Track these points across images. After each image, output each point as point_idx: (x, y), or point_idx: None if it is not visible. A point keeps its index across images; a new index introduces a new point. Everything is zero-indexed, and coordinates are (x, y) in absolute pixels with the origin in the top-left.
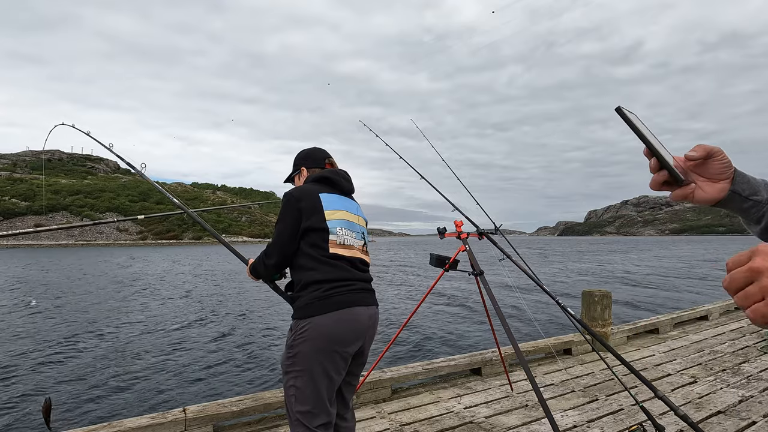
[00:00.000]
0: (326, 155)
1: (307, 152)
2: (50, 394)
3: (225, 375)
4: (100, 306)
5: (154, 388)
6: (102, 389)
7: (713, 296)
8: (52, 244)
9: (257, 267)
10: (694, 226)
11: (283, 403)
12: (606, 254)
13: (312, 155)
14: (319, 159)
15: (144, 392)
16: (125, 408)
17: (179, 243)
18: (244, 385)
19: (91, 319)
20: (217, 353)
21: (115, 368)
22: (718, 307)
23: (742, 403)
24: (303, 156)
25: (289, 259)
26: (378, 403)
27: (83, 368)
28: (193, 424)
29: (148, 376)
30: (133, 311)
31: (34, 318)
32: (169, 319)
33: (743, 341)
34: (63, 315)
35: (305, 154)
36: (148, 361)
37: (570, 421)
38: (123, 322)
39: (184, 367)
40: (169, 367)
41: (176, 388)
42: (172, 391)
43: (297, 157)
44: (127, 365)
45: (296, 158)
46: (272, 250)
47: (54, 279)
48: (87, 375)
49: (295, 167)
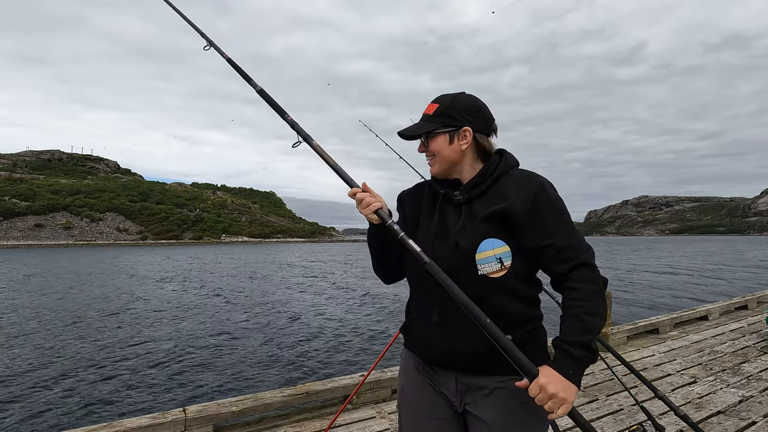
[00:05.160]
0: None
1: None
2: (50, 394)
3: (225, 375)
4: (100, 306)
5: (154, 388)
6: (102, 389)
7: (713, 296)
8: (52, 245)
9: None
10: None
11: (283, 403)
12: (606, 254)
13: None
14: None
15: (144, 392)
16: (125, 408)
17: (179, 243)
18: (244, 385)
19: (92, 319)
20: (217, 353)
21: (115, 368)
22: (718, 307)
23: (742, 403)
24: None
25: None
26: (378, 403)
27: (83, 368)
28: (193, 424)
29: (148, 376)
30: (133, 311)
31: (35, 318)
32: (169, 318)
33: (743, 341)
34: (63, 314)
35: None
36: (149, 361)
37: (570, 421)
38: (123, 322)
39: (184, 367)
40: (169, 367)
41: (176, 388)
42: (172, 391)
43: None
44: (127, 365)
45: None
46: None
47: (56, 279)
48: (87, 375)
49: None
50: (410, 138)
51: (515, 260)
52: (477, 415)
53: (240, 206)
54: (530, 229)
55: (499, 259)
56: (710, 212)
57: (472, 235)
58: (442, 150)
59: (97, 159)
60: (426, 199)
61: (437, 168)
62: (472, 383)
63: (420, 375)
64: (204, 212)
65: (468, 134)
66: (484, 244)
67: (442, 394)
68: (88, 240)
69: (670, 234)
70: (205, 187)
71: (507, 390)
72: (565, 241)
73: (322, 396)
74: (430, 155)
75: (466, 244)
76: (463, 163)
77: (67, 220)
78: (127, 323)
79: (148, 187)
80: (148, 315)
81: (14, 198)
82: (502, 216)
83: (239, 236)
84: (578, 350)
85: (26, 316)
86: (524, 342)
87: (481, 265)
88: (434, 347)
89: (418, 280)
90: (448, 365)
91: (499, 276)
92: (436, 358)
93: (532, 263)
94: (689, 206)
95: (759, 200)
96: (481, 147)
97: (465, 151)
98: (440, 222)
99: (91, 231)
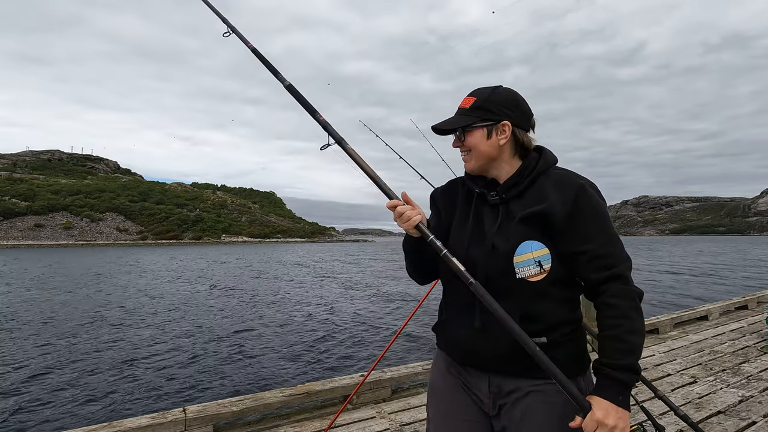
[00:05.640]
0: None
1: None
2: (50, 393)
3: (225, 375)
4: (100, 306)
5: (154, 388)
6: (102, 389)
7: (713, 296)
8: (52, 245)
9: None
10: (694, 226)
11: (283, 403)
12: None
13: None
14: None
15: (144, 392)
16: (125, 408)
17: (179, 243)
18: (244, 385)
19: (92, 319)
20: (217, 353)
21: (115, 368)
22: (718, 307)
23: (742, 403)
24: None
25: None
26: (378, 403)
27: (83, 368)
28: (193, 424)
29: (148, 376)
30: (133, 311)
31: (34, 318)
32: (169, 318)
33: (743, 341)
34: (64, 314)
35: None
36: (149, 361)
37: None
38: (123, 321)
39: (184, 367)
40: (169, 367)
41: (176, 388)
42: (172, 391)
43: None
44: (128, 365)
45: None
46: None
47: (57, 279)
48: (87, 375)
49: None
50: (444, 133)
51: (554, 263)
52: (509, 416)
53: (240, 206)
54: (567, 232)
55: (538, 262)
56: (710, 212)
57: (509, 238)
58: (480, 145)
59: (97, 159)
60: (460, 198)
61: (473, 164)
62: (506, 385)
63: (451, 375)
64: (204, 212)
65: (507, 128)
66: (523, 247)
67: (473, 395)
68: (88, 240)
69: (670, 234)
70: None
71: (541, 393)
72: (601, 249)
73: (322, 396)
74: (465, 150)
75: (504, 246)
76: (500, 159)
77: (67, 220)
78: (127, 323)
79: (148, 187)
80: (148, 315)
81: (14, 198)
82: (541, 218)
83: (239, 236)
84: (624, 374)
85: (26, 316)
86: (561, 344)
87: (519, 269)
88: (473, 351)
89: (458, 286)
90: (481, 367)
91: (538, 280)
92: (472, 360)
93: (569, 268)
94: (689, 206)
95: (759, 200)
96: (520, 142)
97: (503, 147)
98: (475, 223)
99: (91, 231)
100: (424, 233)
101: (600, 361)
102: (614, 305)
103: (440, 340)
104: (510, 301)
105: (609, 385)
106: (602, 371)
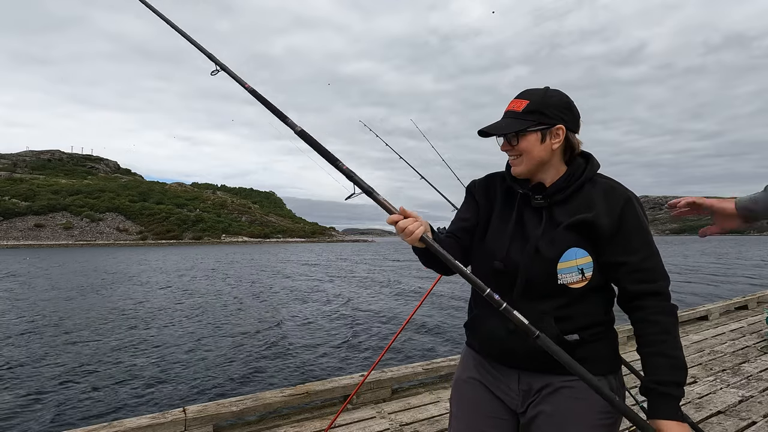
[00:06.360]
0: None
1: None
2: (50, 393)
3: (225, 375)
4: (100, 305)
5: (154, 388)
6: (102, 389)
7: (713, 296)
8: (52, 244)
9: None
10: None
11: (283, 403)
12: None
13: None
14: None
15: (144, 392)
16: (125, 408)
17: (179, 243)
18: (244, 385)
19: (92, 319)
20: (217, 353)
21: (115, 368)
22: (718, 307)
23: (742, 403)
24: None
25: None
26: (378, 403)
27: (83, 368)
28: (193, 424)
29: (148, 376)
30: (133, 311)
31: (35, 318)
32: (169, 318)
33: (743, 341)
34: (63, 314)
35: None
36: (149, 360)
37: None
38: (122, 322)
39: (184, 367)
40: (169, 367)
41: (176, 388)
42: (172, 391)
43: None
44: (127, 365)
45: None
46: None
47: (57, 279)
48: (87, 375)
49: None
50: (488, 135)
51: (595, 272)
52: (539, 410)
53: (240, 206)
54: (612, 243)
55: (581, 270)
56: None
57: (555, 243)
58: (533, 149)
59: (97, 159)
60: (499, 197)
61: (523, 168)
62: (536, 383)
63: (479, 372)
64: (204, 212)
65: (561, 132)
66: (568, 254)
67: (501, 392)
68: (88, 240)
69: (670, 234)
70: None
71: (573, 389)
72: (643, 263)
73: (322, 396)
74: (515, 154)
75: (549, 252)
76: (550, 163)
77: (67, 220)
78: (127, 323)
79: (148, 187)
80: (147, 315)
81: (14, 198)
82: (588, 226)
83: (239, 236)
84: (676, 390)
85: (26, 316)
86: (593, 342)
87: (562, 275)
88: (509, 350)
89: (490, 283)
90: (514, 365)
91: (579, 287)
92: (507, 359)
93: (606, 275)
94: None
95: None
96: (570, 146)
97: (555, 151)
98: (517, 225)
99: (91, 231)
100: (430, 245)
101: (650, 379)
102: (657, 322)
103: (472, 337)
104: (547, 304)
105: (665, 403)
106: (657, 390)
